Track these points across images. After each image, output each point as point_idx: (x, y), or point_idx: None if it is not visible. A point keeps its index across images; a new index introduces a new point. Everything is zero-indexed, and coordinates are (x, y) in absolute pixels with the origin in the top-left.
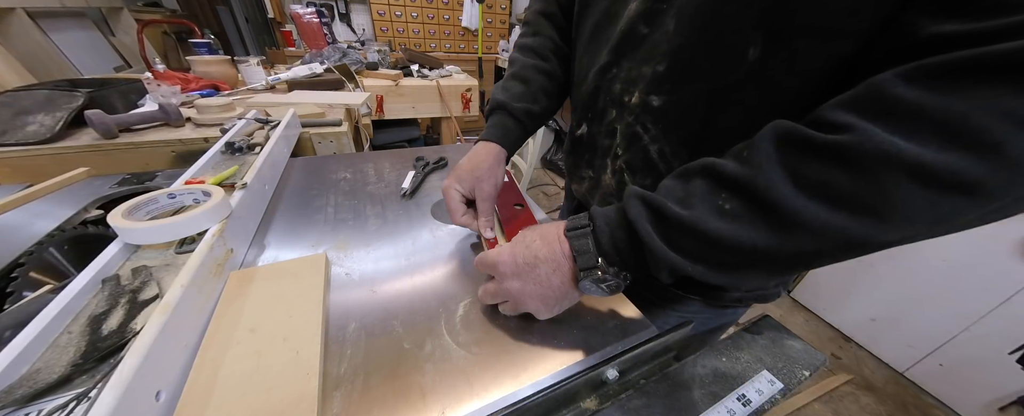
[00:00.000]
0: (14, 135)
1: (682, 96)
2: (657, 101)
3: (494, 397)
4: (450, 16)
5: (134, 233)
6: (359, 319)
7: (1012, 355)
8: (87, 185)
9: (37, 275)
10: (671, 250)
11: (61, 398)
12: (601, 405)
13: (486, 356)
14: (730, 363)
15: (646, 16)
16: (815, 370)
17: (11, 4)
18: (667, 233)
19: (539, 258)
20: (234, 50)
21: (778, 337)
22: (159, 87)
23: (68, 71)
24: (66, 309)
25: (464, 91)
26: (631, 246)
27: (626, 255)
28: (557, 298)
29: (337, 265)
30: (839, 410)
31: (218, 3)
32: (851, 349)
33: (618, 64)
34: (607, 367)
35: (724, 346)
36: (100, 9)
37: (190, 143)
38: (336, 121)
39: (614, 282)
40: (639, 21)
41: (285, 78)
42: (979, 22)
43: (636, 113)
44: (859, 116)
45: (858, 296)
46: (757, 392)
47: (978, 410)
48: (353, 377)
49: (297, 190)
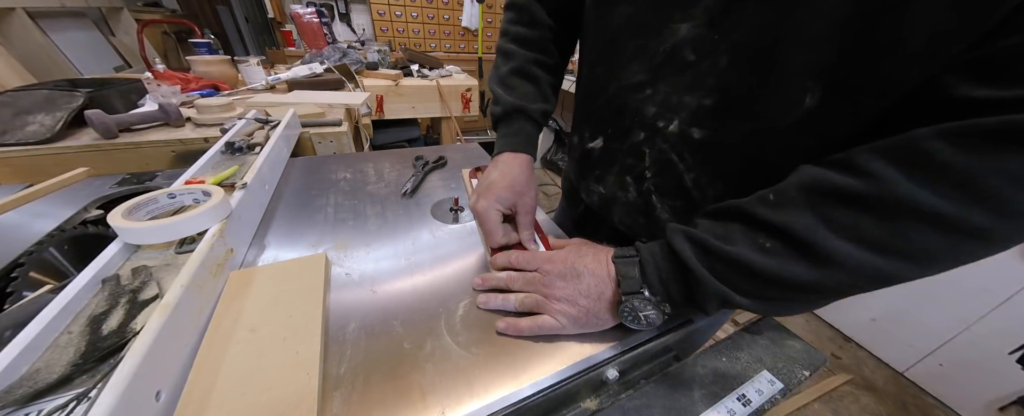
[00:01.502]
0: (14, 135)
1: (726, 133)
2: (698, 134)
3: (494, 397)
4: (450, 16)
5: (134, 233)
6: (359, 319)
7: (1012, 355)
8: (87, 185)
9: (37, 275)
10: (719, 281)
11: (61, 398)
12: (601, 405)
13: (486, 356)
14: (730, 363)
15: (696, 43)
16: (815, 370)
17: (11, 4)
18: (713, 266)
19: (588, 270)
20: (234, 50)
21: (778, 337)
22: (159, 87)
23: (68, 71)
24: (66, 309)
25: (464, 91)
26: (676, 277)
27: (670, 285)
28: (590, 312)
29: (337, 265)
30: (839, 410)
31: (218, 3)
32: (851, 349)
33: (654, 87)
34: (607, 367)
35: (724, 346)
36: (100, 9)
37: (190, 143)
38: (336, 121)
39: (653, 313)
40: (687, 46)
41: (285, 78)
42: (1006, 91)
43: (673, 142)
44: (889, 164)
45: (858, 296)
46: (757, 392)
47: (978, 410)
48: (353, 377)
49: (297, 190)
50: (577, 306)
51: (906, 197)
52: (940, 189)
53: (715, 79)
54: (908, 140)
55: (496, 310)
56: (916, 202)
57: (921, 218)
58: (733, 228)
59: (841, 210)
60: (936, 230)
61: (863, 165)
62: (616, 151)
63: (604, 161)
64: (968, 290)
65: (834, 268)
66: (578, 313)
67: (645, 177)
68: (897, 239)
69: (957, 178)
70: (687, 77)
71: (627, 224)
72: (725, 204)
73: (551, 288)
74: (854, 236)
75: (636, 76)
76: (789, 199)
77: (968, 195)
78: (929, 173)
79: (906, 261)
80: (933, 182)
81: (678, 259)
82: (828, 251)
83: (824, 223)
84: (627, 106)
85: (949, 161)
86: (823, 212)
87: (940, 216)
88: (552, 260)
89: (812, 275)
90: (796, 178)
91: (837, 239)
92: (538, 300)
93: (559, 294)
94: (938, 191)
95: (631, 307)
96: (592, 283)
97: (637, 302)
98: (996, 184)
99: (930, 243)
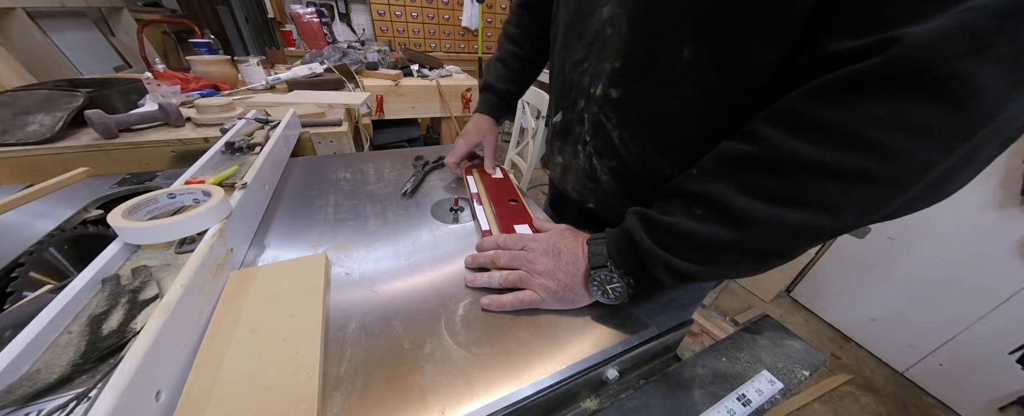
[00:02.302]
0: (14, 135)
1: (634, 89)
2: (615, 93)
3: (494, 397)
4: (450, 16)
5: (134, 233)
6: (359, 319)
7: (1012, 355)
8: (87, 185)
9: (37, 275)
10: (661, 249)
11: (61, 398)
12: (601, 405)
13: (486, 356)
14: (730, 363)
15: (612, 20)
16: (815, 370)
17: (11, 4)
18: (657, 237)
19: (568, 249)
20: (234, 50)
21: (778, 337)
22: (159, 87)
23: (68, 71)
24: (66, 309)
25: (464, 91)
26: (629, 250)
27: (627, 258)
28: (567, 287)
29: (337, 265)
30: (839, 410)
31: (218, 3)
32: (851, 349)
33: (587, 59)
34: (607, 367)
35: (724, 346)
36: (100, 9)
37: (190, 143)
38: (336, 121)
39: (619, 285)
40: (607, 23)
41: (285, 78)
42: (859, 39)
43: (599, 104)
44: (775, 128)
45: (858, 296)
46: (757, 392)
47: (978, 410)
48: (353, 377)
49: (297, 190)
50: (556, 280)
51: (791, 152)
52: (817, 139)
53: (619, 44)
54: (785, 102)
55: (482, 287)
56: (800, 155)
57: (809, 168)
58: (674, 203)
59: (746, 173)
60: (825, 178)
61: (756, 130)
62: (570, 122)
63: (562, 133)
64: (968, 290)
65: (750, 225)
66: (556, 287)
67: (586, 141)
68: (795, 191)
69: (827, 128)
70: (606, 48)
71: (578, 190)
72: (670, 185)
73: (534, 264)
74: (760, 194)
75: (578, 53)
76: (707, 171)
77: (841, 142)
78: (804, 128)
79: (811, 211)
80: (810, 135)
81: (628, 234)
82: (740, 208)
83: (734, 185)
84: (572, 79)
85: (816, 114)
86: (733, 176)
87: (823, 164)
88: (536, 239)
89: (734, 234)
90: (713, 152)
91: (745, 198)
92: (521, 276)
93: (541, 268)
94: (815, 142)
95: (599, 280)
96: (570, 260)
97: (603, 275)
98: (860, 128)
99: (826, 191)
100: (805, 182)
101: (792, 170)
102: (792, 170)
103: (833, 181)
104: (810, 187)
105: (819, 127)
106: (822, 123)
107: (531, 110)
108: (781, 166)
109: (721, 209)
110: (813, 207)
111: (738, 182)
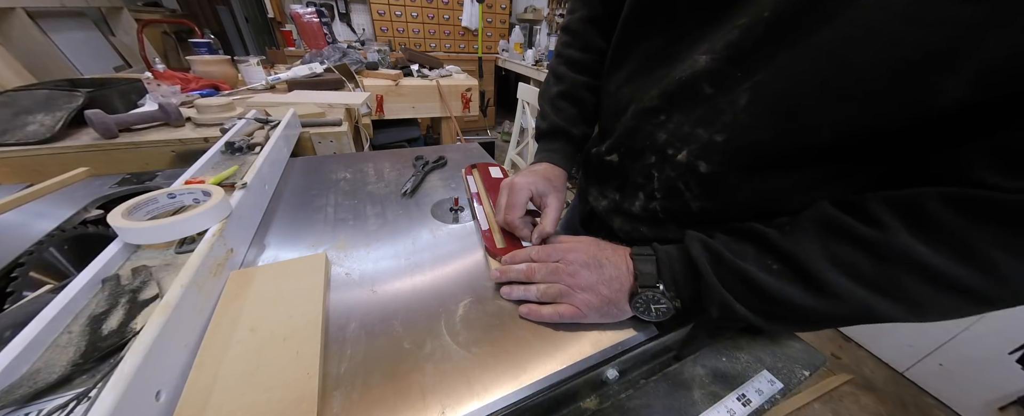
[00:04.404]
0: (14, 135)
1: (733, 169)
2: (705, 168)
3: (494, 397)
4: (450, 16)
5: (134, 233)
6: (359, 319)
7: (1012, 355)
8: (87, 185)
9: (37, 275)
10: (724, 288)
11: (61, 398)
12: (601, 405)
13: (486, 356)
14: (730, 363)
15: (714, 77)
16: (815, 370)
17: (11, 4)
18: (721, 275)
19: (610, 262)
20: (234, 50)
21: (778, 337)
22: (159, 87)
23: (68, 71)
24: (66, 309)
25: (464, 91)
26: (688, 279)
27: (681, 285)
28: (611, 302)
29: (337, 265)
30: (839, 410)
31: (218, 3)
32: (851, 349)
33: (667, 113)
34: (607, 367)
35: (724, 346)
36: (100, 9)
37: (190, 143)
38: (336, 121)
39: (665, 306)
40: (704, 78)
41: (285, 78)
42: (1014, 181)
43: (680, 171)
44: (897, 217)
45: None
46: (757, 392)
47: (978, 410)
48: (353, 377)
49: (297, 190)
50: (599, 295)
51: (904, 246)
52: (935, 245)
53: (731, 117)
54: (916, 196)
55: (520, 300)
56: (911, 253)
57: (914, 268)
58: (746, 247)
59: (845, 247)
60: (926, 281)
61: (873, 212)
62: (629, 169)
63: (618, 175)
64: None
65: (829, 297)
66: (599, 302)
67: (655, 197)
68: (890, 282)
69: (953, 237)
70: (701, 110)
71: (626, 231)
72: (744, 224)
73: (575, 277)
74: (852, 272)
75: (652, 101)
76: (801, 229)
77: (959, 255)
78: (929, 229)
79: (896, 304)
80: (931, 237)
81: (692, 263)
82: (826, 281)
83: (827, 256)
84: (642, 128)
85: (945, 219)
86: (829, 246)
87: (930, 269)
88: (574, 250)
89: (808, 300)
90: (812, 212)
91: (836, 272)
92: (561, 289)
93: (583, 283)
94: (933, 246)
95: (645, 299)
96: (613, 274)
97: (650, 294)
98: (983, 247)
99: (919, 292)
100: (903, 277)
101: (896, 262)
102: (896, 262)
103: (932, 285)
104: (906, 283)
105: (946, 234)
106: (950, 230)
107: (531, 110)
108: (888, 255)
109: (804, 274)
110: (901, 301)
111: (832, 254)
